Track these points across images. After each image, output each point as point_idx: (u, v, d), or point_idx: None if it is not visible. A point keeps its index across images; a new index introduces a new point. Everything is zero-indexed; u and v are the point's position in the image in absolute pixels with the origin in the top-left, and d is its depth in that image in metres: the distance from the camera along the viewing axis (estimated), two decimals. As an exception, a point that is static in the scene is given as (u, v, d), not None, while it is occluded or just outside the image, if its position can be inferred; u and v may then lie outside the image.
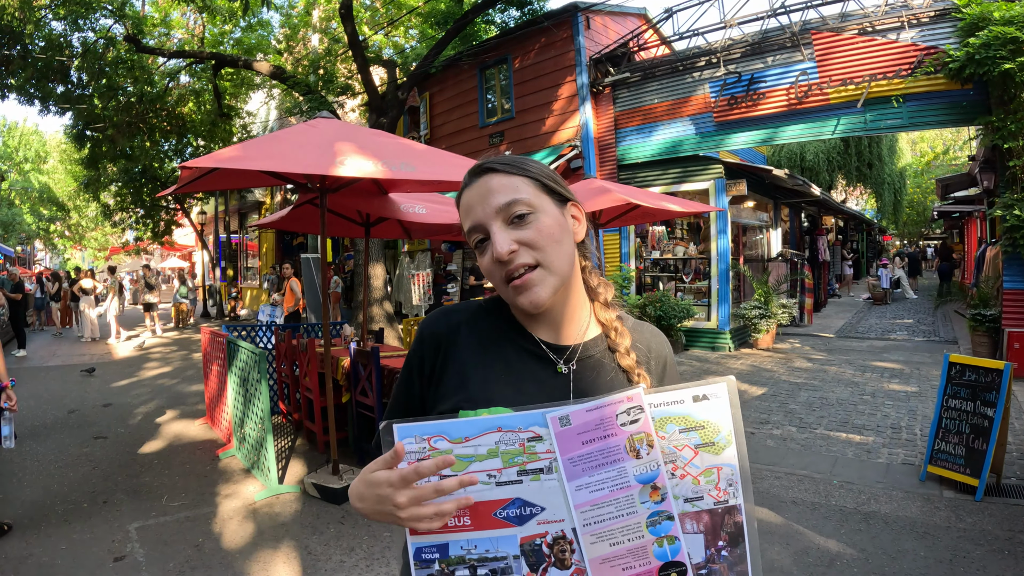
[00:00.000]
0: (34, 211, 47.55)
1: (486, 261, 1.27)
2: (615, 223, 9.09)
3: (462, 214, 1.32)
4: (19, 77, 15.46)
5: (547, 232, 1.25)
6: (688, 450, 1.14)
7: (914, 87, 10.43)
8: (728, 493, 1.15)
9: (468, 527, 1.12)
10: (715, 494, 1.14)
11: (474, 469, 1.10)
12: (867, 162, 25.53)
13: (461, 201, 1.32)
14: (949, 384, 5.67)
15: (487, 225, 1.25)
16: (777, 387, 9.67)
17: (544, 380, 1.30)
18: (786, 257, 16.74)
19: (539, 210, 1.27)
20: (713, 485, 1.14)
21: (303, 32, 21.24)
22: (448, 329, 1.38)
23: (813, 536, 4.73)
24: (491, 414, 1.13)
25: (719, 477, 1.14)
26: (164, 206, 24.80)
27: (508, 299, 1.30)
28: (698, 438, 1.14)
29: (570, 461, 1.12)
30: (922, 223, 40.56)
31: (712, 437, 1.15)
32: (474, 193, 1.29)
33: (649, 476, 1.12)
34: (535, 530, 1.12)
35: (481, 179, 1.29)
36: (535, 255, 1.24)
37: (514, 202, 1.25)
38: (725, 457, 1.15)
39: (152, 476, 6.60)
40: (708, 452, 1.14)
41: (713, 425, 1.15)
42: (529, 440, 1.11)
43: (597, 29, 14.96)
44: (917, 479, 5.76)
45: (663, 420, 1.14)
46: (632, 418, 1.13)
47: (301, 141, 5.23)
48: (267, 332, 9.70)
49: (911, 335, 14.57)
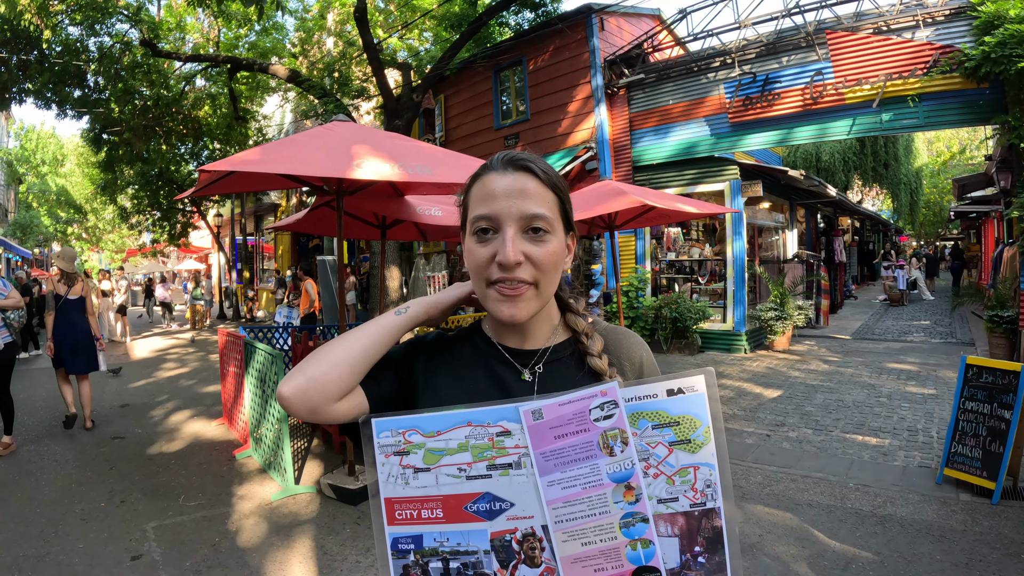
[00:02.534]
0: (51, 214, 47.88)
1: (481, 254, 1.24)
2: (630, 225, 9.07)
3: (476, 195, 1.28)
4: (36, 81, 15.58)
5: (552, 257, 1.25)
6: (662, 447, 1.11)
7: (930, 86, 10.36)
8: (705, 495, 1.11)
9: (440, 519, 1.15)
10: (691, 495, 1.11)
11: (445, 462, 1.14)
12: (883, 162, 25.36)
13: (482, 181, 1.28)
14: (966, 386, 5.62)
15: (503, 222, 1.22)
16: (793, 389, 9.63)
17: (509, 387, 1.30)
18: (802, 258, 16.66)
19: (553, 232, 1.26)
20: (689, 486, 1.11)
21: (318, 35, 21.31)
22: (443, 343, 1.41)
23: (828, 539, 4.71)
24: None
25: (695, 477, 1.11)
26: (181, 208, 24.93)
27: (486, 302, 1.27)
28: (672, 435, 1.11)
29: (542, 456, 1.12)
30: (939, 224, 40.26)
31: (688, 434, 1.11)
32: (503, 183, 1.24)
33: (623, 475, 1.11)
34: (505, 526, 1.13)
35: (516, 174, 1.26)
36: (535, 275, 1.23)
37: (540, 217, 1.23)
38: (702, 456, 1.11)
39: (169, 476, 6.65)
40: (683, 450, 1.11)
41: (689, 421, 1.11)
42: (498, 435, 1.13)
43: (611, 30, 14.95)
44: (933, 482, 5.72)
45: (635, 415, 1.11)
46: (606, 413, 1.11)
47: (318, 144, 5.25)
48: (284, 333, 9.75)
49: (928, 337, 14.47)
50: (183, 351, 16.50)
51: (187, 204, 24.77)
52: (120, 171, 22.66)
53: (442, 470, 1.14)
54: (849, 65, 11.01)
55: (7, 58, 14.69)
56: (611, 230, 8.61)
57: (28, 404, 9.95)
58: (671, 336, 12.99)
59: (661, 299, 13.29)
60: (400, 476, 1.16)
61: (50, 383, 11.73)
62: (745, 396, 9.32)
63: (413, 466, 1.15)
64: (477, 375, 1.33)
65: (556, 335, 1.37)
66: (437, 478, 1.15)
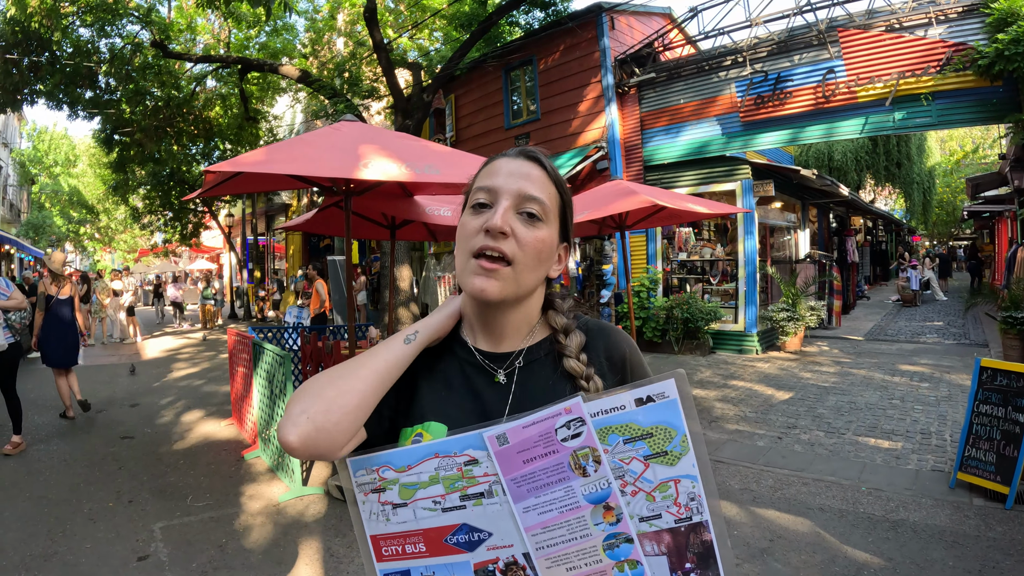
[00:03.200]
0: (64, 214, 48.19)
1: (472, 224, 1.23)
2: (641, 225, 9.02)
3: (484, 174, 1.29)
4: (48, 83, 15.69)
5: (537, 244, 1.23)
6: (637, 463, 1.05)
7: (943, 84, 10.27)
8: (691, 509, 1.05)
9: (424, 553, 1.13)
10: (675, 511, 1.05)
11: (419, 496, 1.12)
12: (896, 161, 25.22)
13: (491, 163, 1.30)
14: (980, 389, 5.53)
15: (500, 196, 1.23)
16: (805, 391, 9.55)
17: (481, 392, 1.26)
18: (814, 258, 16.57)
19: (547, 224, 1.26)
20: (671, 501, 1.05)
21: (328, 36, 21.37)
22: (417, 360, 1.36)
23: (840, 544, 4.65)
24: (425, 432, 1.18)
25: (677, 491, 1.05)
26: (192, 209, 25.04)
27: (463, 275, 1.24)
28: (647, 448, 1.05)
29: (514, 482, 1.08)
30: (952, 223, 40.08)
31: (663, 446, 1.04)
32: (510, 166, 1.27)
33: (600, 495, 1.06)
34: (486, 556, 1.10)
35: (525, 161, 1.28)
36: (515, 252, 1.20)
37: (537, 200, 1.24)
38: (682, 468, 1.04)
39: (177, 476, 6.65)
40: (660, 463, 1.05)
41: (663, 431, 1.04)
42: (466, 464, 1.10)
43: (622, 29, 14.90)
44: (947, 486, 5.64)
45: (604, 431, 1.05)
46: (573, 432, 1.06)
47: (325, 144, 5.23)
48: (293, 333, 9.75)
49: (941, 338, 14.35)
50: (194, 351, 16.55)
51: (198, 204, 24.88)
52: (132, 171, 22.82)
53: (418, 504, 1.12)
54: (861, 63, 10.93)
55: (18, 60, 14.76)
56: (622, 230, 8.57)
57: (39, 403, 9.99)
58: (682, 337, 12.93)
59: (672, 299, 13.23)
60: (381, 513, 1.15)
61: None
62: (756, 398, 9.26)
63: (391, 502, 1.14)
64: (452, 382, 1.30)
65: (533, 335, 1.33)
66: (415, 512, 1.13)
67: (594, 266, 15.62)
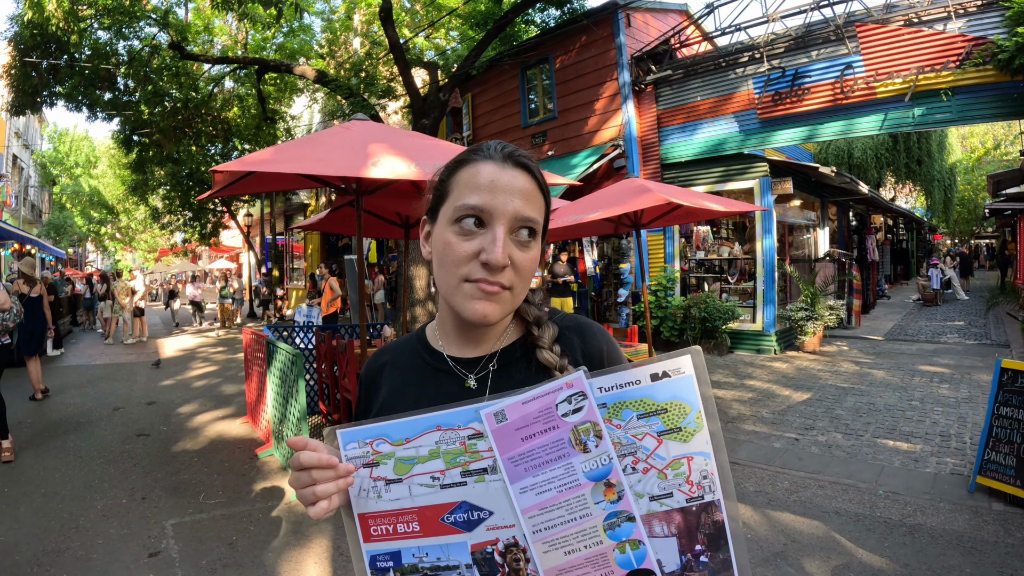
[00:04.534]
0: (85, 214, 48.68)
1: (463, 249, 1.14)
2: (657, 223, 8.95)
3: (466, 180, 1.18)
4: (67, 85, 15.81)
5: (531, 265, 1.19)
6: (650, 439, 1.01)
7: (962, 79, 10.12)
8: (703, 487, 1.01)
9: (417, 533, 1.08)
10: (687, 489, 1.01)
11: (417, 471, 1.07)
12: (916, 158, 24.92)
13: (476, 168, 1.18)
14: (1000, 391, 5.40)
15: (495, 219, 1.13)
16: (823, 392, 9.46)
17: (453, 397, 1.17)
18: (834, 257, 16.41)
19: (536, 241, 1.20)
20: (684, 479, 1.01)
21: (344, 36, 21.40)
22: (375, 370, 1.37)
23: (855, 549, 4.57)
24: None
25: (690, 469, 1.01)
26: (211, 208, 25.17)
27: (454, 297, 1.17)
28: (661, 424, 1.01)
29: (511, 461, 1.04)
30: (973, 221, 39.66)
31: (678, 421, 1.01)
32: (502, 179, 1.16)
33: (601, 472, 1.02)
34: (485, 536, 1.06)
35: (513, 170, 1.18)
36: (513, 281, 1.16)
37: (533, 221, 1.17)
38: (695, 444, 1.01)
39: (191, 473, 6.69)
40: (674, 440, 1.01)
41: (678, 407, 1.01)
42: (470, 438, 1.05)
43: (638, 26, 14.82)
44: (965, 490, 5.54)
45: (617, 406, 1.02)
46: (575, 406, 1.03)
47: (335, 143, 5.22)
48: (307, 333, 9.76)
49: (962, 338, 14.17)
50: (211, 349, 16.66)
51: (217, 204, 25.00)
52: (151, 172, 23.01)
53: (414, 480, 1.07)
54: (880, 58, 10.80)
55: (38, 63, 14.88)
56: (638, 228, 8.51)
57: (55, 400, 10.12)
58: (700, 336, 12.85)
59: (690, 298, 13.15)
60: (372, 489, 1.09)
61: (78, 378, 11.93)
62: (774, 398, 9.18)
63: (384, 478, 1.08)
64: (424, 391, 1.26)
65: (507, 335, 1.29)
66: (410, 489, 1.07)
67: (612, 265, 15.55)
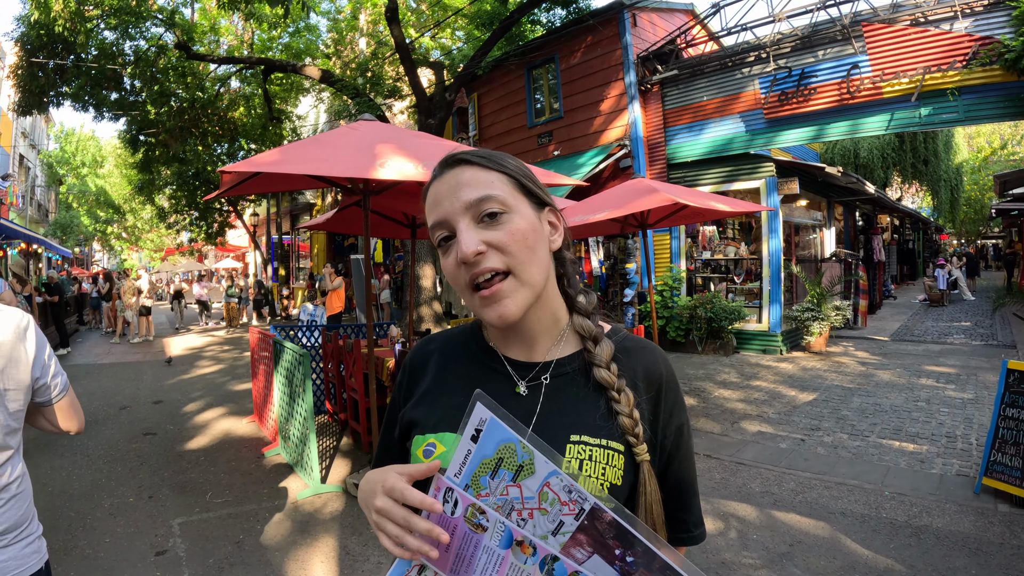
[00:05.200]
0: (91, 214, 48.80)
1: (450, 263, 1.17)
2: (663, 223, 8.95)
3: (428, 208, 1.21)
4: (73, 85, 15.86)
5: (520, 236, 1.15)
6: (512, 488, 1.05)
7: (969, 79, 10.08)
8: (576, 501, 1.02)
9: None
10: (567, 511, 1.03)
11: None
12: (922, 158, 24.82)
13: (429, 194, 1.22)
14: (1007, 392, 5.39)
15: (453, 222, 1.15)
16: (829, 392, 9.44)
17: (503, 402, 1.14)
18: (840, 257, 16.38)
19: (513, 211, 1.17)
20: (559, 503, 1.03)
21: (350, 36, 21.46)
22: (421, 357, 1.35)
23: (861, 550, 4.57)
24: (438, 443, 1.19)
25: (555, 493, 1.03)
26: (217, 208, 25.21)
27: (475, 310, 1.19)
28: (508, 472, 1.05)
29: (453, 572, 1.10)
30: (980, 221, 39.51)
31: (517, 460, 1.04)
32: (443, 186, 1.18)
33: (507, 537, 1.05)
34: None
35: (452, 171, 1.19)
36: (505, 260, 1.14)
37: (486, 199, 1.14)
38: (541, 469, 1.03)
39: (198, 472, 6.71)
40: (525, 477, 1.04)
41: (507, 448, 1.04)
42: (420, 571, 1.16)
43: (644, 26, 14.81)
44: (971, 491, 5.52)
45: (475, 479, 1.06)
46: (452, 502, 1.07)
47: (342, 144, 5.23)
48: (314, 332, 9.78)
49: (969, 339, 14.13)
50: (218, 348, 16.69)
51: (223, 204, 25.04)
52: (157, 172, 23.05)
53: None
54: (886, 58, 10.77)
55: (44, 63, 14.92)
56: (644, 228, 8.50)
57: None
58: (706, 337, 12.84)
59: (696, 299, 13.13)
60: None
61: (87, 379, 11.95)
62: (780, 399, 9.16)
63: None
64: (471, 384, 1.20)
65: (565, 344, 1.27)
66: None
67: (618, 265, 15.54)
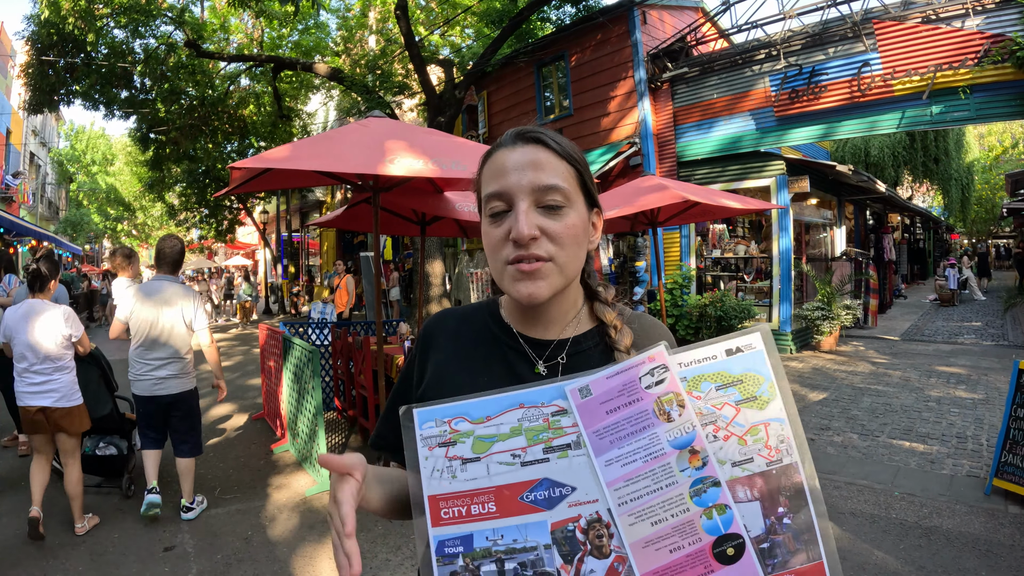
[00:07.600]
0: (101, 211, 49.08)
1: (496, 234, 1.17)
2: (673, 221, 8.92)
3: (487, 173, 1.21)
4: (84, 83, 15.92)
5: (573, 232, 1.17)
6: (729, 408, 1.03)
7: (981, 77, 10.00)
8: (780, 451, 1.01)
9: (493, 514, 1.03)
10: (766, 453, 1.02)
11: (496, 449, 1.04)
12: (933, 157, 24.65)
13: (492, 159, 1.22)
14: (1018, 392, 5.33)
15: (515, 197, 1.15)
16: (839, 392, 9.40)
17: (522, 379, 1.19)
18: (850, 256, 16.31)
19: (572, 206, 1.18)
20: (763, 444, 1.02)
21: (360, 34, 21.47)
22: (437, 330, 1.35)
23: (871, 551, 4.55)
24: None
25: (767, 434, 1.02)
26: (227, 205, 25.29)
27: (503, 282, 1.19)
28: (738, 393, 1.03)
29: (596, 434, 1.03)
30: (991, 221, 39.28)
31: (753, 391, 1.03)
32: (513, 158, 1.18)
33: (685, 440, 1.02)
34: (567, 514, 1.02)
35: (527, 147, 1.19)
36: (553, 250, 1.15)
37: (554, 188, 1.16)
38: (771, 411, 1.03)
39: (207, 468, 6.75)
40: (751, 408, 1.03)
41: (752, 378, 1.04)
42: (554, 414, 1.05)
43: (653, 24, 14.76)
44: (982, 493, 5.49)
45: (697, 379, 1.04)
46: (657, 379, 1.04)
47: (351, 140, 5.23)
48: (323, 329, 9.79)
49: (979, 339, 14.05)
50: (228, 345, 16.74)
51: (233, 201, 25.11)
52: (167, 169, 23.14)
53: (493, 458, 1.05)
54: (897, 56, 10.71)
55: (54, 61, 14.97)
56: (654, 226, 8.48)
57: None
58: (716, 335, 12.75)
59: (706, 297, 13.09)
60: (447, 470, 1.05)
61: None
62: (790, 397, 9.11)
63: (461, 457, 1.05)
64: (493, 368, 1.25)
65: (579, 324, 1.29)
66: (488, 468, 1.04)
67: (627, 263, 15.51)
